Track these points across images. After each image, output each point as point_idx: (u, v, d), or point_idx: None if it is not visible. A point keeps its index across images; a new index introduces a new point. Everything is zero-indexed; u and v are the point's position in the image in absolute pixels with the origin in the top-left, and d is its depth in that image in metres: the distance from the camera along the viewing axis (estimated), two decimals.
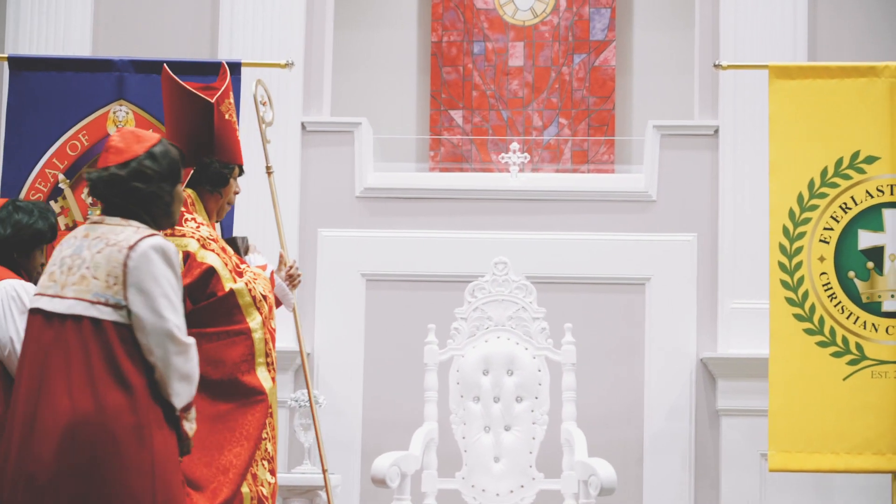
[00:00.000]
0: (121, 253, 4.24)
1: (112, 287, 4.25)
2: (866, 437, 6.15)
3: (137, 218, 4.35)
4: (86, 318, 4.24)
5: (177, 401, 4.27)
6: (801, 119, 6.28)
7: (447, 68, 8.13)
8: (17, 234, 5.29)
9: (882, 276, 6.23)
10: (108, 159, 4.39)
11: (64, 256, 4.35)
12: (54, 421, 4.19)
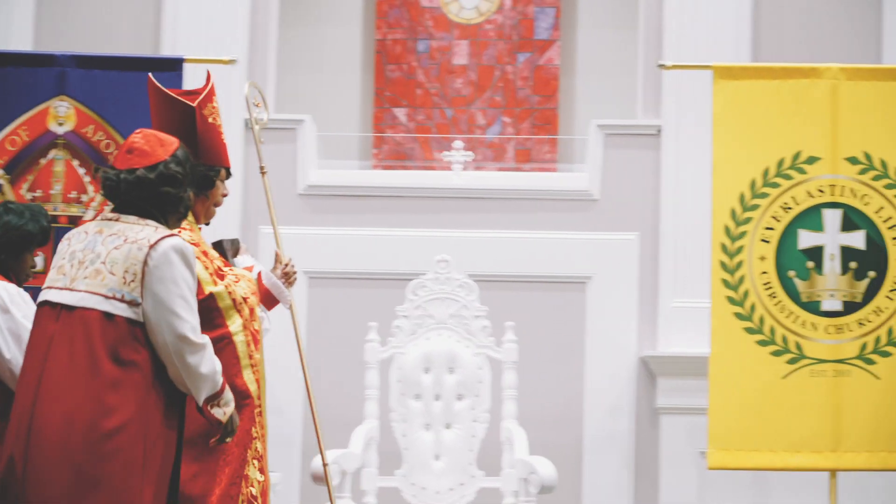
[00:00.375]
0: (141, 251, 4.28)
1: (129, 284, 4.28)
2: (804, 436, 6.19)
3: (153, 218, 4.39)
4: (97, 311, 4.25)
5: (197, 396, 4.31)
6: (743, 119, 6.31)
7: (391, 66, 8.13)
8: (5, 236, 5.24)
9: (821, 275, 6.27)
10: (132, 161, 4.42)
11: (74, 251, 4.36)
12: (54, 415, 4.19)
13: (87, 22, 7.41)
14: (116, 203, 4.43)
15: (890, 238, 6.26)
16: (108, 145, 6.36)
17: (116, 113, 6.38)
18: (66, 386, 4.21)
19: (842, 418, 6.20)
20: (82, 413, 4.17)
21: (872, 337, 6.24)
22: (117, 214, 4.40)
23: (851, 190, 6.27)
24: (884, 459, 6.21)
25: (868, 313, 6.24)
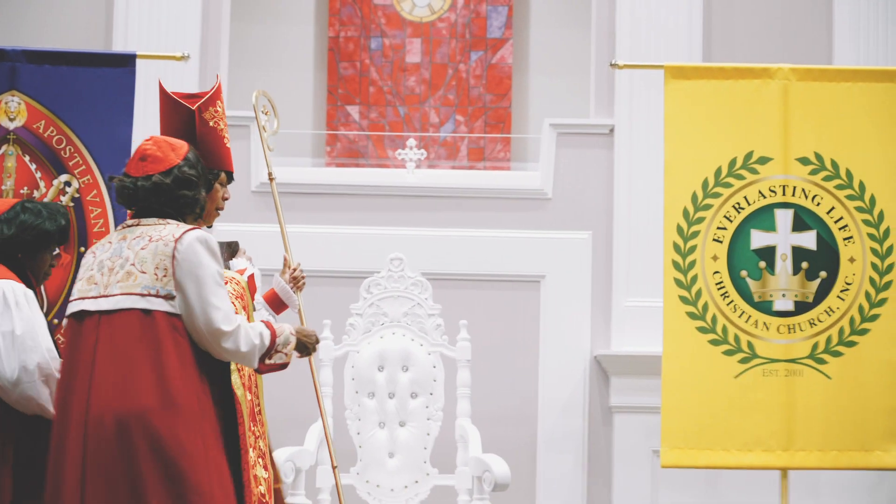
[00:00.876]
0: (167, 246, 4.41)
1: (162, 279, 4.40)
2: (756, 435, 6.22)
3: (164, 217, 4.52)
4: (136, 311, 4.37)
5: (249, 366, 4.56)
6: (695, 119, 6.33)
7: (344, 64, 8.13)
8: (20, 235, 5.22)
9: (773, 275, 6.30)
10: (147, 168, 4.55)
11: (102, 260, 4.49)
12: (108, 413, 4.31)
13: (39, 17, 7.38)
14: (133, 209, 4.56)
15: (841, 239, 6.29)
16: (60, 141, 6.34)
17: (68, 108, 6.35)
18: (117, 384, 4.33)
19: (793, 417, 6.23)
20: (128, 411, 4.30)
21: (824, 337, 6.27)
22: (137, 220, 4.53)
23: (803, 190, 6.30)
24: (835, 458, 6.24)
25: (819, 313, 6.28)
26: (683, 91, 6.34)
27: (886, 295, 6.26)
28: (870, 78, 6.34)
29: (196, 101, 5.14)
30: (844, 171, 6.30)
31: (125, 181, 4.57)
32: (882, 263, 6.28)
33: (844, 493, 7.10)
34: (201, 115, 5.13)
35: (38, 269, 5.28)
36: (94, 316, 4.43)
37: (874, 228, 6.29)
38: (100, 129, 6.36)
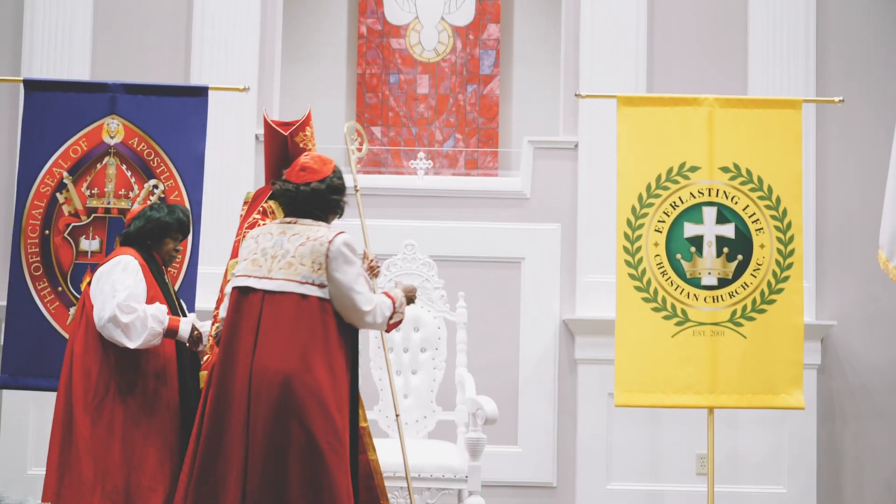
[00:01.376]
0: (322, 246, 4.56)
1: (317, 271, 4.54)
2: (688, 382, 6.22)
3: (316, 218, 4.69)
4: (295, 294, 4.52)
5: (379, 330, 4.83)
6: (641, 137, 6.32)
7: (369, 94, 8.13)
8: (147, 226, 5.35)
9: (702, 258, 6.30)
10: (306, 177, 4.73)
11: (265, 247, 4.62)
12: (268, 372, 4.45)
13: (133, 56, 7.38)
14: (290, 209, 4.70)
15: (754, 230, 6.28)
16: (150, 153, 6.35)
17: (156, 128, 6.37)
18: (276, 349, 4.47)
19: (717, 368, 6.23)
20: (287, 367, 4.44)
21: (740, 305, 6.26)
22: (294, 219, 4.68)
23: (724, 192, 6.30)
24: (749, 399, 6.24)
25: (737, 287, 6.27)
26: (632, 115, 6.33)
27: (788, 273, 6.26)
28: (776, 105, 6.34)
29: (288, 129, 5.19)
30: (756, 178, 6.29)
31: (288, 185, 4.71)
32: (785, 248, 6.28)
33: (757, 426, 7.09)
34: (293, 139, 5.20)
35: (164, 253, 5.40)
36: (259, 293, 4.56)
37: (779, 222, 6.28)
38: (180, 144, 6.37)
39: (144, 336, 5.13)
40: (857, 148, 7.26)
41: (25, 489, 6.89)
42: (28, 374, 6.23)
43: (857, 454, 7.12)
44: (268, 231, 4.70)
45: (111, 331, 5.14)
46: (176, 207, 5.47)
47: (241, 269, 4.66)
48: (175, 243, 5.44)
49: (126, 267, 5.25)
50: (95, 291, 5.23)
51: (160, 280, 5.35)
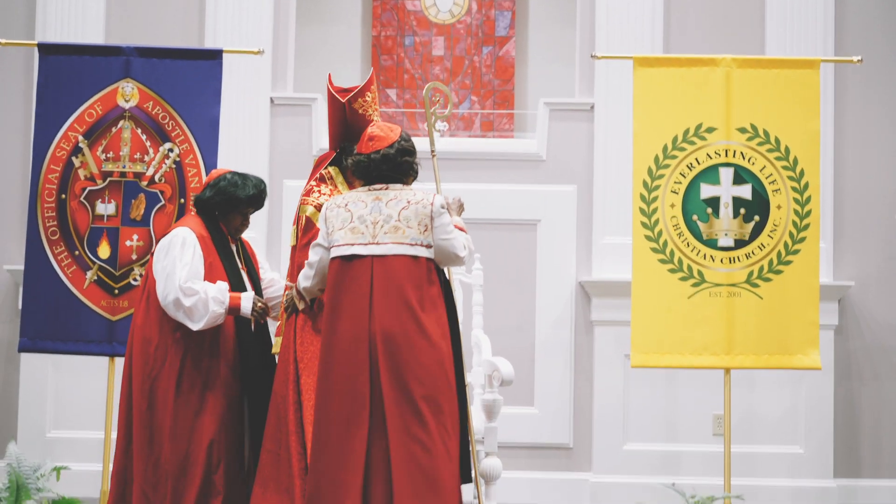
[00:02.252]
0: (426, 208, 4.80)
1: (423, 233, 4.75)
2: (704, 342, 6.24)
3: (399, 182, 4.88)
4: (406, 256, 4.74)
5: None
6: (657, 98, 6.32)
7: (384, 56, 8.13)
8: (215, 197, 5.39)
9: (718, 219, 6.31)
10: (374, 146, 4.88)
11: (361, 215, 4.79)
12: (391, 336, 4.66)
13: (147, 19, 7.39)
14: (369, 178, 4.87)
15: (771, 191, 6.29)
16: (165, 117, 6.37)
17: (171, 92, 6.39)
18: (393, 311, 4.68)
19: (733, 329, 6.24)
20: (405, 327, 4.66)
21: (757, 266, 6.27)
22: (384, 185, 4.86)
23: (741, 153, 6.30)
24: (766, 360, 6.26)
25: (754, 248, 6.28)
26: (648, 76, 6.33)
27: (805, 234, 6.27)
28: (793, 66, 6.33)
29: (346, 95, 5.27)
30: (774, 139, 6.29)
31: (360, 157, 4.87)
32: (802, 209, 6.29)
33: (774, 386, 7.12)
34: (351, 106, 5.28)
35: (230, 225, 5.43)
36: (367, 259, 4.72)
37: (796, 182, 6.28)
38: (195, 107, 6.39)
39: (206, 318, 5.20)
40: (876, 108, 7.24)
41: (45, 452, 6.98)
42: (46, 338, 6.29)
43: (875, 414, 7.14)
44: (358, 199, 4.85)
45: (173, 312, 5.22)
46: (249, 181, 5.45)
47: (339, 239, 4.80)
48: (244, 218, 5.47)
49: (185, 242, 5.29)
50: (157, 268, 5.29)
51: (223, 251, 5.38)
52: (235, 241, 5.50)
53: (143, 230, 6.33)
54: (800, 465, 7.06)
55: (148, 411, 5.23)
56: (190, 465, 5.19)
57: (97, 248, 6.32)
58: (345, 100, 5.28)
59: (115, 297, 6.31)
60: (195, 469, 5.18)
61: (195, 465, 5.18)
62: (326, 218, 4.88)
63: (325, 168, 5.41)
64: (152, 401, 5.23)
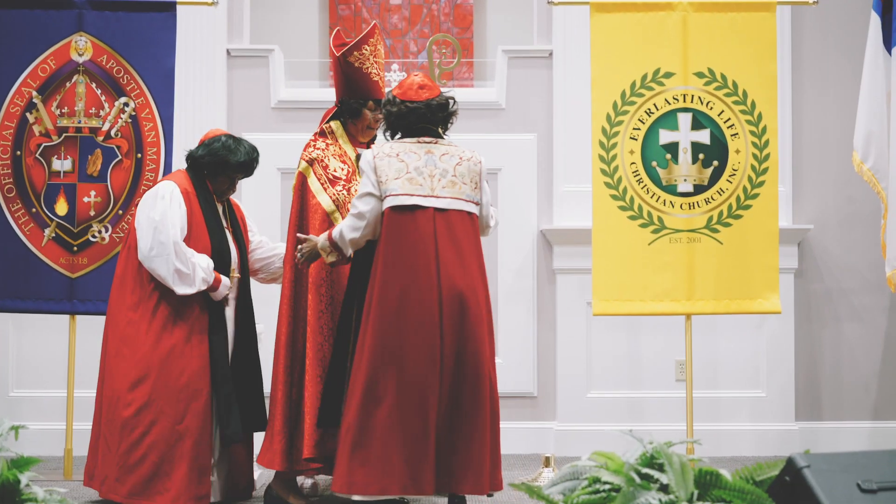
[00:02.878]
0: (476, 166, 4.95)
1: (474, 190, 4.91)
2: (665, 289, 6.28)
3: (439, 136, 5.00)
4: (464, 212, 4.85)
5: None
6: (614, 44, 6.31)
7: (342, 6, 8.09)
8: (205, 157, 5.40)
9: (677, 164, 6.33)
10: (427, 94, 4.98)
11: (417, 166, 4.85)
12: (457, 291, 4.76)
13: None
14: (410, 129, 4.95)
15: (729, 135, 6.31)
16: (119, 71, 6.34)
17: (125, 45, 6.36)
18: (457, 266, 4.78)
19: (694, 274, 6.28)
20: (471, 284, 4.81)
21: (716, 211, 6.31)
22: (434, 139, 4.95)
23: (699, 98, 6.31)
24: (726, 305, 6.30)
25: (713, 193, 6.31)
26: (605, 22, 6.32)
27: (764, 178, 6.30)
28: (749, 8, 6.33)
29: (341, 50, 5.38)
30: (731, 83, 6.31)
31: (415, 104, 4.94)
32: (761, 153, 6.32)
33: (735, 331, 7.18)
34: (345, 59, 5.36)
35: (217, 187, 5.44)
36: (429, 210, 4.79)
37: (754, 126, 6.31)
38: (150, 61, 6.36)
39: (194, 288, 5.29)
40: (833, 50, 7.26)
41: (8, 411, 6.98)
42: (5, 297, 6.28)
43: (836, 357, 7.22)
44: (409, 150, 4.88)
45: (158, 264, 5.24)
46: (243, 147, 5.48)
47: (396, 188, 4.82)
48: (231, 182, 5.50)
49: (171, 197, 5.31)
50: (141, 219, 5.31)
51: (208, 209, 5.41)
52: (222, 203, 5.51)
53: (100, 186, 6.31)
54: (762, 409, 7.14)
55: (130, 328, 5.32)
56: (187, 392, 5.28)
57: (54, 204, 6.30)
58: (339, 54, 5.33)
59: (74, 254, 6.29)
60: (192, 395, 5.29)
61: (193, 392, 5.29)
62: (376, 167, 4.87)
63: (327, 122, 5.48)
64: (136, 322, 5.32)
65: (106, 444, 5.34)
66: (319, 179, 5.39)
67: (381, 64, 5.50)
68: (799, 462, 3.46)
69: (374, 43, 5.47)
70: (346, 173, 5.38)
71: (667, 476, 3.50)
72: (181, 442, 5.24)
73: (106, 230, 6.29)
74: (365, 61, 5.39)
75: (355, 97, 5.43)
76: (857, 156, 6.31)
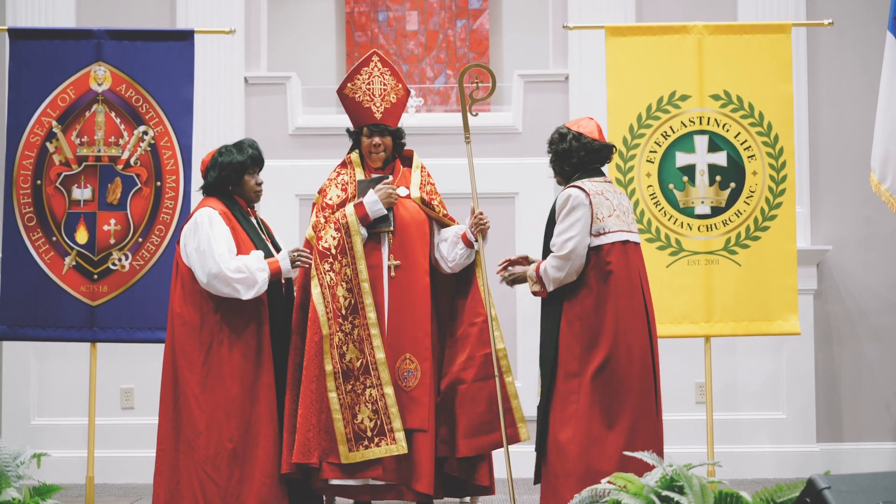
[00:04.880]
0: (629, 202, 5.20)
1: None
2: (684, 311, 6.28)
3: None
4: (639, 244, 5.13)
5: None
6: (630, 67, 6.34)
7: (358, 33, 8.14)
8: (221, 173, 5.43)
9: (694, 186, 6.33)
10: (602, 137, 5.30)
11: (615, 204, 5.07)
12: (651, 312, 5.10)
13: (118, 2, 7.38)
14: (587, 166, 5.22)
15: (746, 157, 6.32)
16: (138, 100, 6.38)
17: (143, 74, 6.41)
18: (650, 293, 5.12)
19: (713, 296, 6.28)
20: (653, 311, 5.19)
21: (734, 233, 6.31)
22: (604, 177, 5.19)
23: (715, 120, 6.32)
24: (746, 327, 6.30)
25: (730, 215, 6.31)
26: (620, 46, 6.35)
27: (781, 199, 6.30)
28: (765, 31, 6.35)
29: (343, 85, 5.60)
30: (747, 104, 6.32)
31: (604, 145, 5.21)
32: (778, 175, 6.32)
33: (755, 353, 7.17)
34: (342, 93, 5.57)
35: (246, 194, 5.48)
36: (635, 245, 5.07)
37: (771, 148, 6.32)
38: (168, 89, 6.40)
39: (257, 287, 5.30)
40: (849, 71, 7.27)
41: (30, 439, 7.01)
42: (26, 325, 6.31)
43: (856, 377, 7.20)
44: (603, 188, 5.10)
45: (220, 288, 5.26)
46: (243, 143, 5.53)
47: (612, 226, 5.03)
48: (254, 178, 5.52)
49: (211, 220, 5.34)
50: (189, 250, 5.33)
51: (247, 224, 5.45)
52: (255, 213, 5.57)
53: (120, 214, 6.35)
54: (783, 431, 7.12)
55: (204, 393, 5.30)
56: (255, 438, 5.29)
57: (75, 233, 6.34)
58: (337, 90, 5.49)
59: (94, 282, 6.33)
60: (257, 441, 5.29)
61: (258, 438, 5.29)
62: (594, 205, 5.02)
63: (348, 153, 5.66)
64: (208, 381, 5.31)
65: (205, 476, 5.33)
66: (315, 207, 5.59)
67: (378, 90, 5.59)
68: (819, 483, 3.47)
69: (370, 71, 5.58)
70: (340, 200, 5.54)
71: (686, 499, 3.51)
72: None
73: (126, 258, 6.33)
74: (357, 91, 5.57)
75: (355, 126, 5.62)
76: (875, 176, 6.31)
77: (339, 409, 5.28)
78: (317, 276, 5.35)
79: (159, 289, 6.16)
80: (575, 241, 4.96)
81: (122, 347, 6.79)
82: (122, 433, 7.06)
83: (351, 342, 5.32)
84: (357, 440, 5.26)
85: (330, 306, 5.32)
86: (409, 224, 5.56)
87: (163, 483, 5.31)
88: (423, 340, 5.44)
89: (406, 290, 5.45)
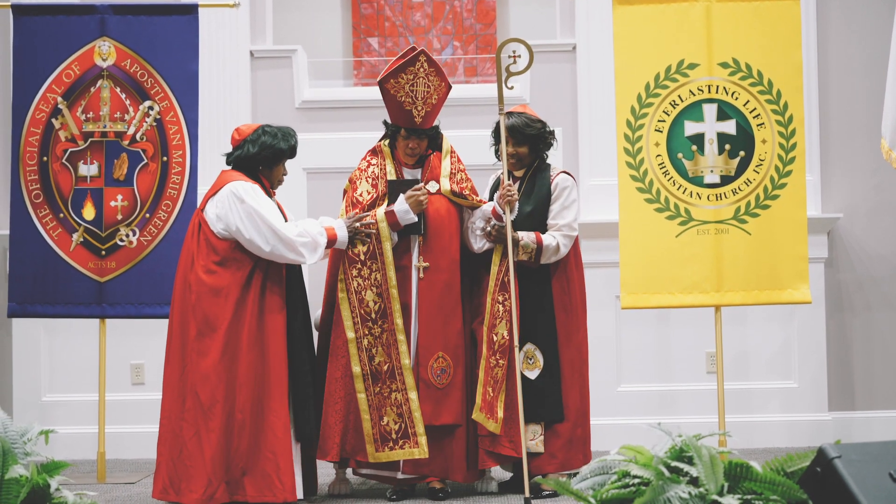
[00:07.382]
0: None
1: None
2: (694, 280, 6.25)
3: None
4: None
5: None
6: (638, 36, 6.29)
7: (364, 5, 8.10)
8: (261, 153, 5.43)
9: (703, 155, 6.30)
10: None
11: None
12: None
13: None
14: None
15: (755, 125, 6.27)
16: (143, 75, 6.36)
17: (148, 49, 6.39)
18: None
19: (722, 266, 6.25)
20: None
21: (744, 202, 6.27)
22: None
23: (724, 88, 6.28)
24: (755, 296, 6.27)
25: (740, 184, 6.28)
26: (628, 15, 6.30)
27: (791, 168, 6.26)
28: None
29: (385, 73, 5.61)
30: (756, 72, 6.27)
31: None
32: (787, 143, 6.28)
33: (766, 322, 7.15)
34: (383, 86, 5.57)
35: (273, 178, 5.51)
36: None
37: (780, 116, 6.27)
38: (173, 64, 6.39)
39: (318, 252, 5.42)
40: (859, 37, 7.21)
41: (41, 415, 7.03)
42: (35, 302, 6.32)
43: (867, 345, 7.18)
44: None
45: (284, 252, 5.34)
46: (288, 132, 5.55)
47: None
48: (284, 168, 5.54)
49: (256, 190, 5.37)
50: (234, 218, 5.30)
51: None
52: (274, 195, 5.58)
53: (127, 190, 6.34)
54: (794, 400, 7.11)
55: (219, 363, 5.29)
56: (266, 413, 5.31)
57: (82, 209, 6.33)
58: (378, 78, 5.48)
59: (102, 258, 6.32)
60: (267, 416, 5.31)
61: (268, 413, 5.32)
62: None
63: (380, 141, 5.75)
64: (221, 354, 5.30)
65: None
66: (346, 196, 5.70)
67: (421, 93, 5.56)
68: (830, 452, 3.45)
69: (415, 72, 5.54)
70: (371, 198, 5.60)
71: (696, 469, 3.49)
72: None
73: (133, 234, 6.32)
74: (400, 90, 5.54)
75: (393, 122, 5.61)
76: (886, 143, 6.26)
77: (367, 409, 5.46)
78: (345, 280, 5.43)
79: (167, 264, 6.15)
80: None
81: (132, 323, 6.79)
82: (133, 409, 7.07)
83: (380, 345, 5.47)
84: (383, 441, 5.46)
85: (357, 310, 5.40)
86: (439, 225, 5.63)
87: (165, 452, 5.32)
88: (454, 338, 5.55)
89: (435, 290, 5.55)
